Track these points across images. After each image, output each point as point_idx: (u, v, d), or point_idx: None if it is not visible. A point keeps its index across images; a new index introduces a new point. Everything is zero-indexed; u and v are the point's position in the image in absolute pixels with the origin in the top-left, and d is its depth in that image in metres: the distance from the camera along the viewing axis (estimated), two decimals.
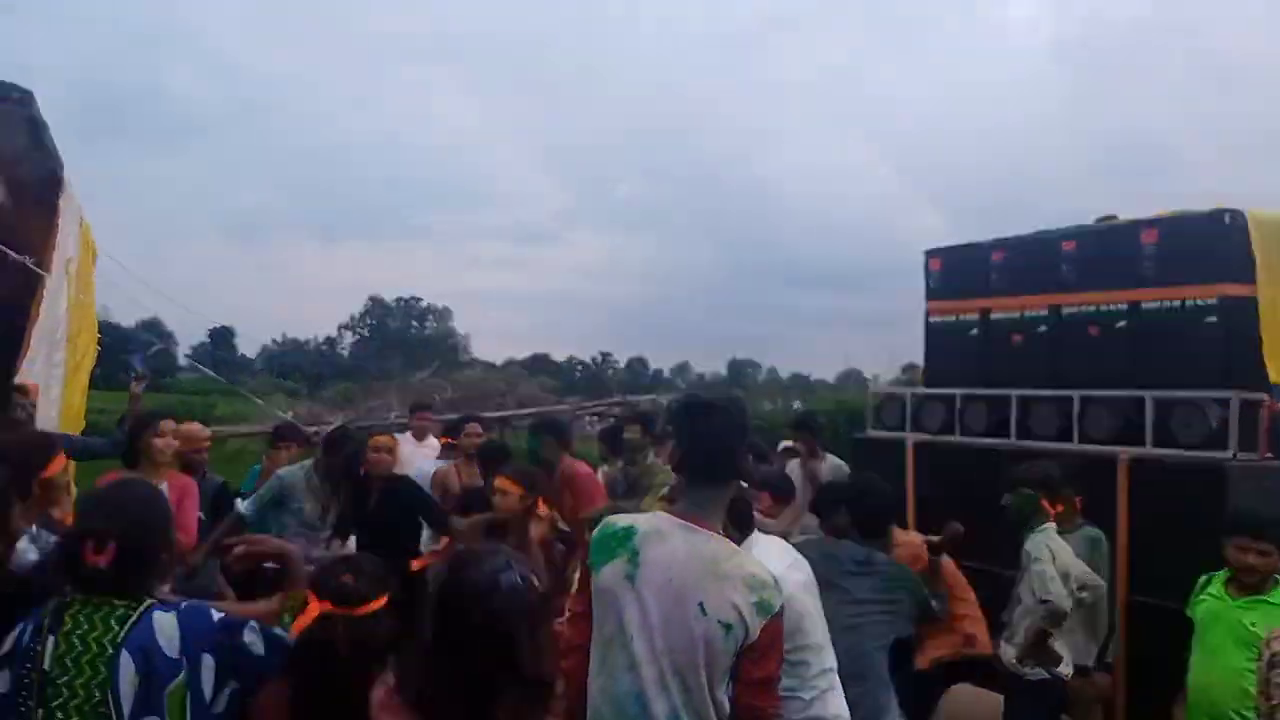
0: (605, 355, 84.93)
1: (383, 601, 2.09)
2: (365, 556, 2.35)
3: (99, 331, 7.68)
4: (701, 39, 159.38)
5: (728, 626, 2.18)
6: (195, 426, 5.38)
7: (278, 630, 2.16)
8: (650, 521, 2.37)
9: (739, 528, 2.97)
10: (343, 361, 57.39)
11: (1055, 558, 4.08)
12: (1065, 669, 4.15)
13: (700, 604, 2.20)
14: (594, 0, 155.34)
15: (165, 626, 2.01)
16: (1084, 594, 4.15)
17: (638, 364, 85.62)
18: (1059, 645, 4.13)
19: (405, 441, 7.27)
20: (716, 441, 2.37)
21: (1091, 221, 6.71)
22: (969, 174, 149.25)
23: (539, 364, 60.86)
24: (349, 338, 76.61)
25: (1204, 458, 4.62)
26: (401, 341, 68.13)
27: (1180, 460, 4.69)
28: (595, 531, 2.41)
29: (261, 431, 10.48)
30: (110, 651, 1.96)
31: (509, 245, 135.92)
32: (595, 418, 11.49)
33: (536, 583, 1.94)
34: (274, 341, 63.70)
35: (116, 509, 2.13)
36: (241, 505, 4.90)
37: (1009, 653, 4.22)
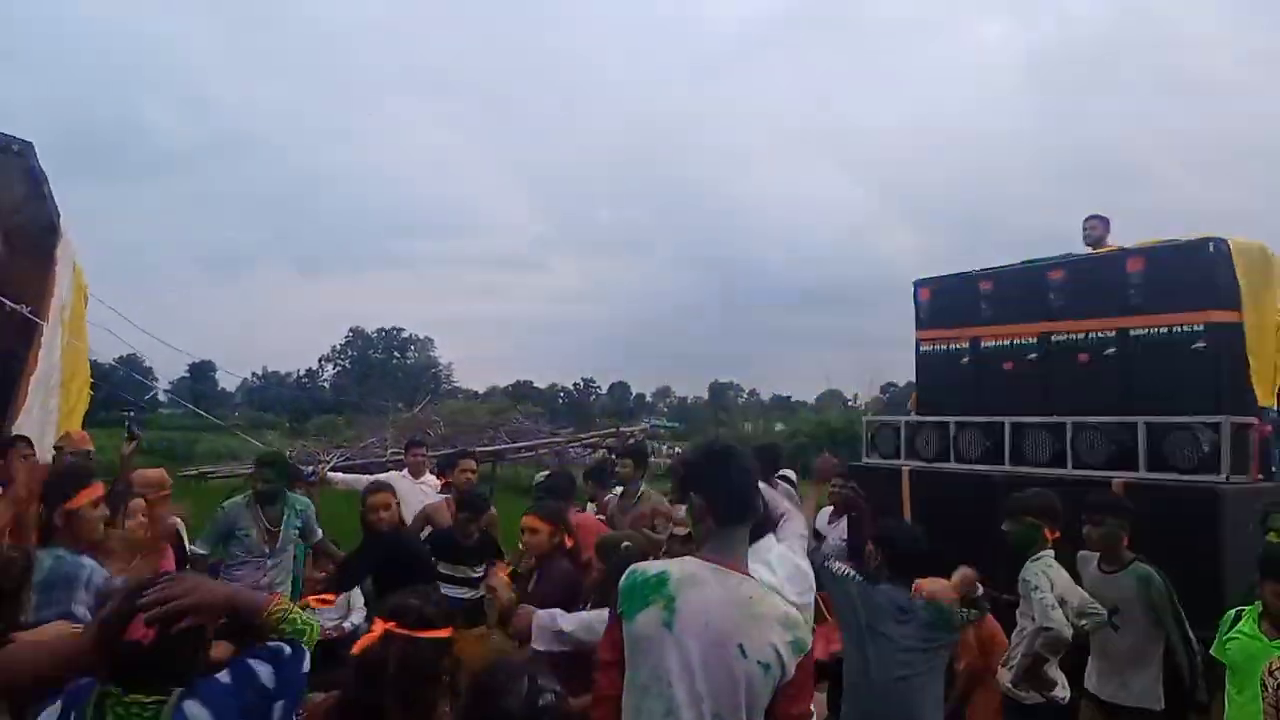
0: (588, 381, 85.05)
1: (445, 632, 2.13)
2: (436, 590, 2.39)
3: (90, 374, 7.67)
4: (678, 65, 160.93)
5: (766, 666, 2.23)
6: (156, 474, 5.22)
7: (276, 645, 2.13)
8: (682, 567, 2.41)
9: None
10: (324, 394, 57.01)
11: (1054, 585, 4.14)
12: (1061, 693, 4.19)
13: (740, 646, 2.24)
14: (570, 29, 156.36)
15: (197, 716, 1.99)
16: (1083, 621, 4.19)
17: (620, 389, 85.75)
18: (1052, 670, 4.18)
19: (402, 479, 7.28)
20: (738, 486, 2.45)
21: (1083, 220, 6.83)
22: (943, 192, 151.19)
23: (522, 391, 60.79)
24: (330, 370, 76.38)
25: (1197, 481, 4.71)
26: (384, 372, 67.88)
27: (1174, 484, 4.77)
28: (624, 580, 2.44)
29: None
30: None
31: (489, 273, 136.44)
32: (587, 449, 11.49)
33: (558, 688, 1.99)
34: (254, 375, 63.31)
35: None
36: (195, 544, 5.13)
37: (1005, 677, 4.26)
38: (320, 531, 5.71)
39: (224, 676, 2.08)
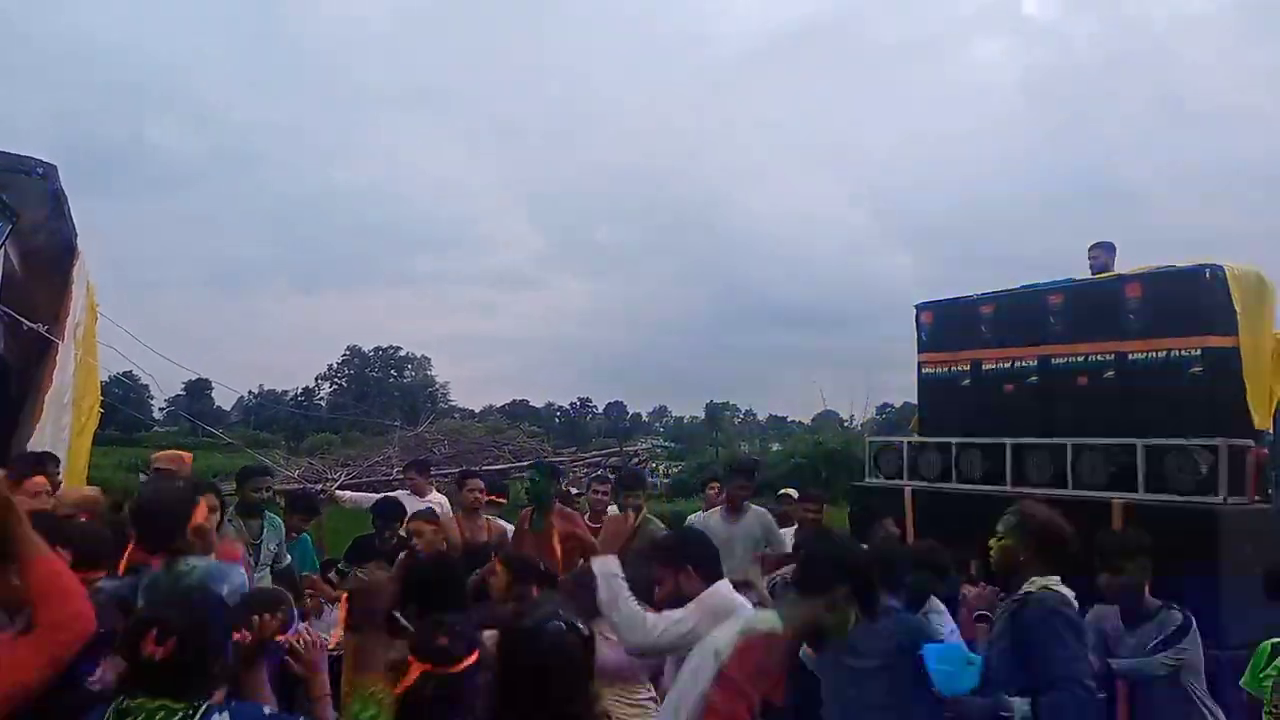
0: (584, 401, 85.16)
1: (474, 658, 2.29)
2: (456, 618, 2.52)
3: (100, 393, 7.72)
4: (678, 84, 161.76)
5: (717, 653, 2.60)
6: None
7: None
8: None
9: None
10: (320, 412, 56.98)
11: None
12: None
13: (706, 640, 2.68)
14: (570, 48, 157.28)
15: None
16: None
17: (616, 409, 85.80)
18: None
19: (406, 498, 7.31)
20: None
21: (1088, 249, 6.96)
22: (940, 214, 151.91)
23: (519, 410, 60.83)
24: (326, 388, 76.35)
25: (1196, 502, 4.80)
26: (381, 391, 67.85)
27: (1173, 505, 4.86)
28: None
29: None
30: None
31: (487, 291, 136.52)
32: (588, 468, 11.57)
33: (582, 628, 2.24)
34: (250, 394, 63.15)
35: (184, 606, 2.21)
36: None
37: None
38: (289, 558, 5.67)
39: (265, 709, 2.29)
